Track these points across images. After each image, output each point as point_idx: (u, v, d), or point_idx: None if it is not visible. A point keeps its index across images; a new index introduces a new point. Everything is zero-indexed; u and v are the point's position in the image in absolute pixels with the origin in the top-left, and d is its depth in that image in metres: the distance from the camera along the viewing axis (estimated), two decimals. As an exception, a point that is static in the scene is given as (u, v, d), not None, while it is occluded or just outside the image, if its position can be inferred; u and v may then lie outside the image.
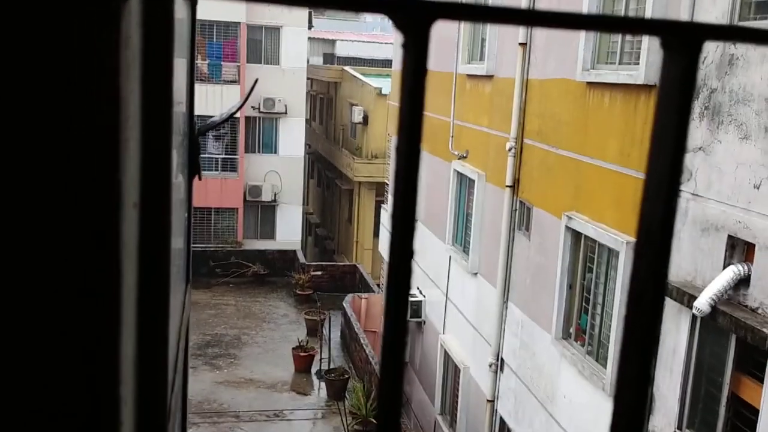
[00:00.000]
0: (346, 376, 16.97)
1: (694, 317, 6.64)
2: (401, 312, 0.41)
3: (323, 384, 17.17)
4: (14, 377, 0.54)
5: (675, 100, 0.41)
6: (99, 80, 0.50)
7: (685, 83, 0.41)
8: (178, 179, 1.59)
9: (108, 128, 0.52)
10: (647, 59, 7.45)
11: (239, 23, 25.09)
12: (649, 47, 7.43)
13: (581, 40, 8.74)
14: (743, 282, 6.15)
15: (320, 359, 17.68)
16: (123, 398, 0.63)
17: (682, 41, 0.40)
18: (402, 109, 0.41)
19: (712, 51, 6.53)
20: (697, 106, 6.80)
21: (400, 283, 0.41)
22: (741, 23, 6.33)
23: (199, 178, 1.78)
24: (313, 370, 17.94)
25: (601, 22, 0.41)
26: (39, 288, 0.53)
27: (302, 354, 17.86)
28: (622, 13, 8.22)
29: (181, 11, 1.61)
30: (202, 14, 24.08)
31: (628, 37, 8.17)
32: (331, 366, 17.46)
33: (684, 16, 6.89)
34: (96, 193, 0.53)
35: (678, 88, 0.41)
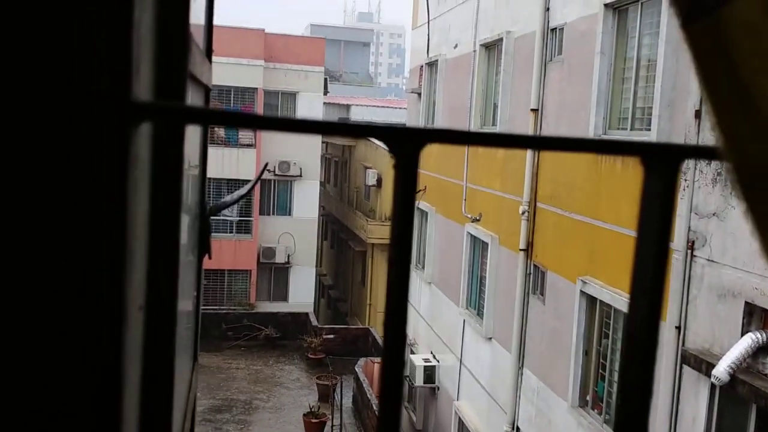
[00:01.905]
0: (359, 443, 16.62)
1: (712, 386, 6.49)
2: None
3: (335, 451, 16.81)
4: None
5: (655, 217, 0.42)
6: (106, 201, 0.53)
7: (665, 201, 0.42)
8: (188, 259, 1.60)
9: (113, 241, 0.54)
10: (659, 125, 7.51)
11: (256, 89, 25.65)
12: (660, 114, 7.50)
13: (593, 105, 8.85)
14: (762, 350, 6.03)
15: (332, 426, 17.35)
16: None
17: (662, 162, 0.41)
18: (393, 222, 0.43)
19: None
20: (709, 172, 6.81)
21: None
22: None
23: (209, 257, 1.80)
24: (325, 436, 17.59)
25: (583, 144, 0.43)
26: (41, 401, 0.54)
27: (313, 420, 17.54)
28: (632, 84, 8.34)
29: (196, 101, 1.65)
30: (219, 80, 24.66)
31: (639, 103, 8.27)
32: (343, 432, 17.11)
33: (694, 84, 6.98)
34: (100, 298, 0.55)
35: (658, 205, 0.42)
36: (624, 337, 0.47)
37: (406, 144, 0.41)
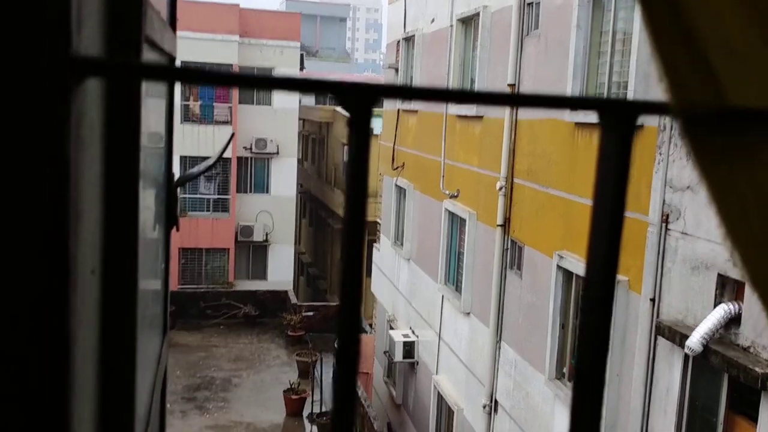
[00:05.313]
0: (339, 418, 16.72)
1: (686, 356, 6.60)
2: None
3: (315, 427, 16.92)
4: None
5: (612, 173, 0.42)
6: (46, 158, 0.52)
7: (622, 157, 0.42)
8: (155, 230, 1.58)
9: (56, 202, 0.53)
10: (634, 98, 7.53)
11: (231, 65, 25.34)
12: (635, 88, 7.53)
13: (569, 79, 8.86)
14: (734, 320, 6.14)
15: (312, 402, 17.46)
16: None
17: (618, 117, 0.41)
18: (348, 178, 0.42)
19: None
20: (683, 145, 6.86)
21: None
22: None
23: (177, 229, 1.77)
24: (305, 413, 17.70)
25: (539, 100, 0.42)
26: None
27: (294, 397, 17.63)
28: (608, 57, 8.36)
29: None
30: (194, 56, 24.34)
31: (615, 77, 8.30)
32: (324, 409, 17.23)
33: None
34: (43, 262, 0.54)
35: (614, 162, 0.42)
36: (583, 295, 0.48)
37: (359, 99, 0.40)
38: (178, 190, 1.96)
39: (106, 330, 0.76)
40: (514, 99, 0.40)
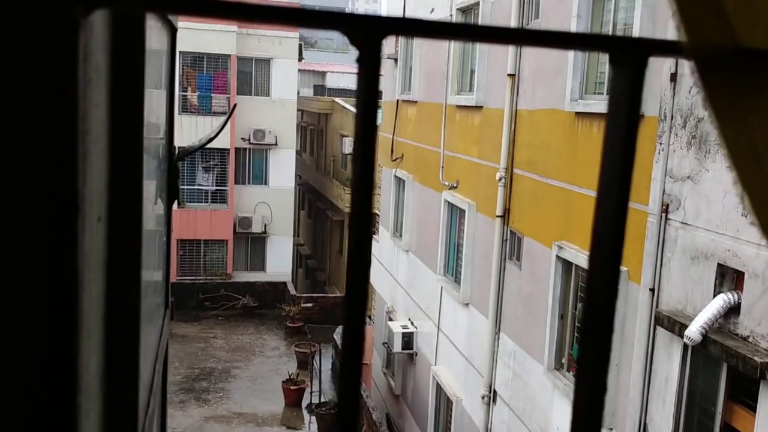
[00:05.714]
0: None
1: (685, 346, 6.60)
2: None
3: (314, 418, 16.95)
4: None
5: (624, 113, 0.41)
6: (53, 93, 0.52)
7: (633, 96, 0.41)
8: (157, 204, 1.57)
9: (63, 139, 0.53)
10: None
11: (229, 55, 25.27)
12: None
13: (569, 70, 8.83)
14: (733, 310, 6.13)
15: (311, 392, 17.49)
16: (84, 409, 0.64)
17: (629, 56, 0.40)
18: (357, 115, 0.41)
19: (696, 81, 6.58)
20: (684, 135, 6.84)
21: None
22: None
23: (179, 204, 1.76)
24: (304, 403, 17.73)
25: (548, 37, 0.40)
26: None
27: (293, 387, 17.66)
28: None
29: (160, 42, 1.60)
30: (192, 47, 24.29)
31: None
32: (323, 399, 17.26)
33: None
34: (52, 203, 0.54)
35: (626, 100, 0.41)
36: (591, 240, 0.46)
37: (368, 33, 0.38)
38: (179, 164, 1.95)
39: (112, 277, 0.76)
40: (521, 34, 0.38)
